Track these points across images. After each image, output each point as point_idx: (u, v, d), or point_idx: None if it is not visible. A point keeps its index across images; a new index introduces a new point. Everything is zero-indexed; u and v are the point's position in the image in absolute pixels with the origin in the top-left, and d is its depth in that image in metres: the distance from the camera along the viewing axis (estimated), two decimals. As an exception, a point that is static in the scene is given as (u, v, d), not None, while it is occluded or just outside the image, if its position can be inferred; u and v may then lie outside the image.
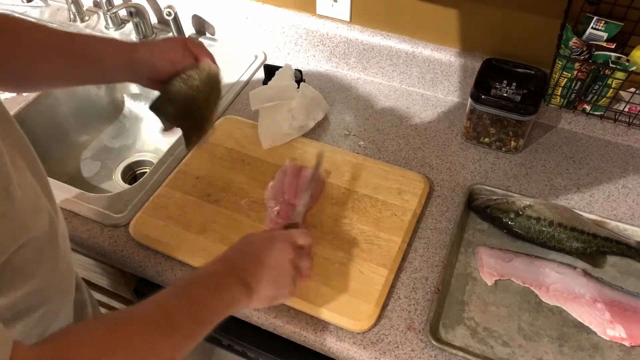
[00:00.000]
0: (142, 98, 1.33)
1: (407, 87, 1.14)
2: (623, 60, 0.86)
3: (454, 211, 0.91)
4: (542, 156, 1.00)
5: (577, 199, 0.92)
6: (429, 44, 1.07)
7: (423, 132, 1.05)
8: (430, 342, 0.74)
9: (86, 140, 1.27)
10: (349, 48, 1.13)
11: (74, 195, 0.93)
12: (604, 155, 1.00)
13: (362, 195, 0.91)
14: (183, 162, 0.97)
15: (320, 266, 0.82)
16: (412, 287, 0.81)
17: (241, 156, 0.99)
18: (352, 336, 0.76)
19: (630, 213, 0.90)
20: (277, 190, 0.90)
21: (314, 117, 1.05)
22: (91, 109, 1.30)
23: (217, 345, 0.98)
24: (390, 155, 1.00)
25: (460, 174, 0.97)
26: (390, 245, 0.84)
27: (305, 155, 0.98)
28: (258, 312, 0.79)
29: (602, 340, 0.75)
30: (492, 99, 0.93)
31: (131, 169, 1.25)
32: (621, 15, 0.87)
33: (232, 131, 1.03)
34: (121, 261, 0.87)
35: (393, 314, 0.78)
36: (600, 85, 0.89)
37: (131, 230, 0.87)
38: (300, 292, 0.78)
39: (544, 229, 0.84)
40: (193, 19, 1.26)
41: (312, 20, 1.13)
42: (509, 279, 0.81)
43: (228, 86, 1.14)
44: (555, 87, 0.92)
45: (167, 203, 0.91)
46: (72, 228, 0.89)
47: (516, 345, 0.74)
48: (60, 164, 1.21)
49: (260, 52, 1.22)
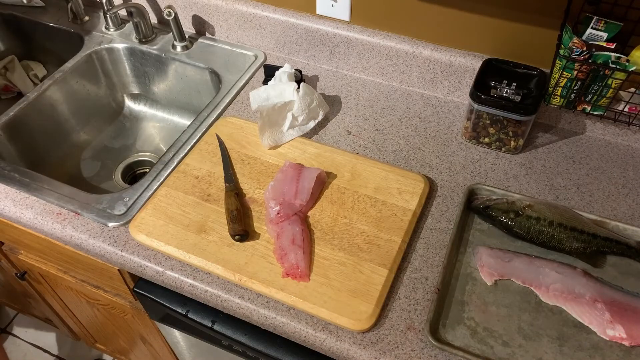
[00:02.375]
0: (142, 98, 1.33)
1: (407, 87, 1.14)
2: (623, 60, 0.86)
3: (454, 211, 0.91)
4: (542, 156, 1.00)
5: (577, 199, 0.92)
6: (429, 44, 1.07)
7: (423, 132, 1.05)
8: (430, 342, 0.74)
9: (86, 140, 1.27)
10: (349, 48, 1.13)
11: (74, 195, 0.93)
12: (604, 155, 1.00)
13: (362, 195, 0.91)
14: (183, 162, 0.98)
15: (320, 266, 0.82)
16: (412, 287, 0.81)
17: (241, 156, 0.99)
18: (352, 336, 0.76)
19: (630, 213, 0.90)
20: (277, 190, 0.90)
21: (314, 117, 1.05)
22: (91, 109, 1.30)
23: (217, 345, 0.98)
24: (390, 155, 1.00)
25: (460, 174, 0.97)
26: (390, 245, 0.84)
27: (305, 155, 0.98)
28: (258, 312, 0.79)
29: (602, 340, 0.75)
30: (492, 99, 0.93)
31: (131, 169, 1.25)
32: (621, 15, 0.87)
33: (232, 131, 1.03)
34: (121, 261, 0.87)
35: (393, 314, 0.78)
36: (600, 85, 0.89)
37: (131, 230, 0.87)
38: (301, 292, 0.78)
39: (544, 229, 0.84)
40: (193, 19, 1.26)
41: (312, 20, 1.13)
42: (509, 279, 0.81)
43: (228, 86, 1.14)
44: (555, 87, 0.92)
45: (167, 203, 0.91)
46: (73, 228, 0.89)
47: (516, 345, 0.74)
48: (60, 164, 1.21)
49: (260, 52, 1.22)
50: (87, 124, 1.29)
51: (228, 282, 0.82)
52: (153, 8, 1.28)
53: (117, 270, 0.97)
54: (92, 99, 1.29)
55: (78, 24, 1.31)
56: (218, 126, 1.04)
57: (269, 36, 1.20)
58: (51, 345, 1.86)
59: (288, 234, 0.83)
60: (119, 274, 0.98)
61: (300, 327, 0.77)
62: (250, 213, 0.89)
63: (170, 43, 1.24)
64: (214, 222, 0.88)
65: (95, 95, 1.29)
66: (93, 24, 1.32)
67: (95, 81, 1.29)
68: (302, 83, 1.04)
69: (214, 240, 0.85)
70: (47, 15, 1.35)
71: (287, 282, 0.80)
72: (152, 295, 0.94)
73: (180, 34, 1.21)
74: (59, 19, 1.33)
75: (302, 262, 0.80)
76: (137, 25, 1.23)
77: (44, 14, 1.35)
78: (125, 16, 1.30)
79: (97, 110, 1.31)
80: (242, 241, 0.85)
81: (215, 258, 0.83)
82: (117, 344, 1.52)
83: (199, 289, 0.82)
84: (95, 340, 1.60)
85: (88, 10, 1.34)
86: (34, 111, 1.15)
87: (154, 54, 1.24)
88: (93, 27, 1.31)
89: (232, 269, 0.81)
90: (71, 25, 1.31)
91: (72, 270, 1.13)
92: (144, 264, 0.85)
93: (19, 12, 1.35)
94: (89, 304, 1.26)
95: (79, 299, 1.26)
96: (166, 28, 1.28)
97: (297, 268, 0.80)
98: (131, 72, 1.30)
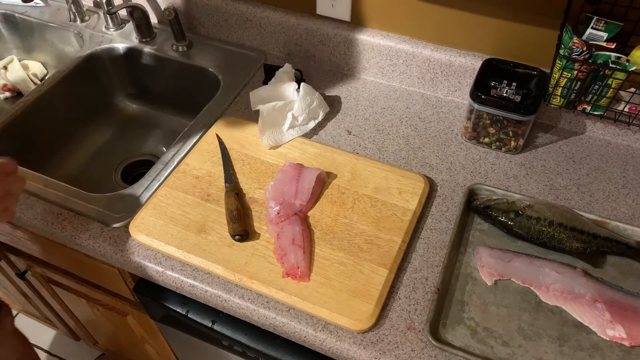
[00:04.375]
0: (142, 98, 1.33)
1: (407, 87, 1.14)
2: (623, 60, 0.86)
3: (454, 211, 0.91)
4: (542, 156, 1.00)
5: (577, 199, 0.92)
6: (429, 44, 1.07)
7: (423, 132, 1.05)
8: (430, 342, 0.74)
9: (86, 140, 1.27)
10: (349, 48, 1.13)
11: (74, 195, 0.93)
12: (604, 155, 1.00)
13: (362, 195, 0.91)
14: (183, 162, 0.98)
15: (320, 266, 0.82)
16: (412, 287, 0.81)
17: (241, 156, 0.99)
18: (352, 336, 0.76)
19: (630, 213, 0.90)
20: (277, 190, 0.90)
21: (314, 117, 1.05)
22: (91, 109, 1.30)
23: (217, 345, 0.98)
24: (390, 155, 1.00)
25: (460, 174, 0.97)
26: (390, 245, 0.84)
27: (305, 155, 0.98)
28: (258, 312, 0.79)
29: (602, 340, 0.75)
30: (492, 99, 0.93)
31: (131, 169, 1.25)
32: (621, 15, 0.87)
33: (232, 131, 1.03)
34: (121, 261, 0.87)
35: (393, 314, 0.78)
36: (600, 85, 0.89)
37: (131, 230, 0.87)
38: (301, 292, 0.78)
39: (544, 229, 0.84)
40: (193, 19, 1.26)
41: (312, 20, 1.13)
42: (509, 279, 0.81)
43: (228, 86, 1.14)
44: (555, 87, 0.92)
45: (167, 203, 0.91)
46: (73, 228, 0.89)
47: (516, 345, 0.74)
48: (60, 164, 1.21)
49: (260, 52, 1.22)
50: (87, 124, 1.29)
51: (228, 282, 0.82)
52: (153, 8, 1.28)
53: (117, 270, 0.97)
54: (92, 99, 1.29)
55: (78, 24, 1.31)
56: (218, 126, 1.04)
57: (269, 36, 1.20)
58: (51, 345, 1.86)
59: (288, 234, 0.83)
60: (119, 274, 0.98)
61: (300, 327, 0.77)
62: (250, 213, 0.89)
63: (170, 43, 1.24)
64: (214, 222, 0.88)
65: (95, 95, 1.29)
66: (93, 24, 1.32)
67: (95, 81, 1.29)
68: (302, 83, 1.04)
69: (214, 240, 0.85)
70: (47, 15, 1.35)
71: (287, 282, 0.80)
72: (152, 295, 0.94)
73: (181, 34, 1.21)
74: (59, 18, 1.33)
75: (302, 262, 0.80)
76: (137, 25, 1.23)
77: (44, 14, 1.35)
78: (125, 16, 1.30)
79: (97, 110, 1.31)
80: (242, 241, 0.85)
81: (215, 258, 0.83)
82: (117, 344, 1.52)
83: (199, 289, 0.82)
84: (95, 340, 1.60)
85: (88, 10, 1.34)
86: (34, 111, 1.15)
87: (154, 54, 1.24)
88: (93, 27, 1.31)
89: (232, 269, 0.81)
90: (71, 25, 1.31)
91: (72, 270, 1.13)
92: (144, 264, 0.85)
93: (19, 12, 1.35)
94: (89, 304, 1.26)
95: (79, 299, 1.26)
96: (166, 28, 1.27)
97: (297, 268, 0.80)
98: (131, 72, 1.30)
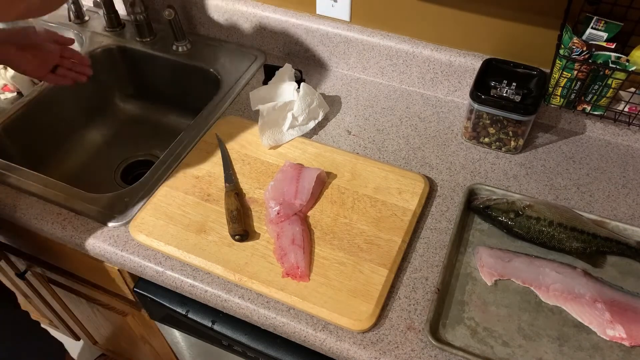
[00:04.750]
0: (142, 98, 1.33)
1: (407, 87, 1.14)
2: (623, 60, 0.86)
3: (454, 211, 0.91)
4: (542, 156, 1.00)
5: (577, 199, 0.92)
6: (429, 44, 1.07)
7: (423, 132, 1.05)
8: (430, 342, 0.74)
9: (86, 140, 1.27)
10: (349, 48, 1.13)
11: (73, 195, 0.93)
12: (604, 155, 1.00)
13: (362, 195, 0.91)
14: (183, 162, 0.98)
15: (320, 266, 0.82)
16: (412, 287, 0.81)
17: (241, 156, 0.99)
18: (352, 336, 0.76)
19: (630, 213, 0.90)
20: (277, 190, 0.90)
21: (314, 117, 1.05)
22: (91, 109, 1.30)
23: (217, 345, 0.98)
24: (390, 155, 1.00)
25: (460, 174, 0.97)
26: (390, 245, 0.84)
27: (305, 155, 0.98)
28: (258, 312, 0.79)
29: (602, 340, 0.75)
30: (492, 99, 0.93)
31: (131, 169, 1.25)
32: (621, 15, 0.87)
33: (232, 131, 1.03)
34: (121, 261, 0.87)
35: (393, 314, 0.78)
36: (600, 85, 0.89)
37: (131, 230, 0.87)
38: (301, 292, 0.78)
39: (544, 229, 0.84)
40: (193, 19, 1.26)
41: (312, 20, 1.13)
42: (509, 279, 0.81)
43: (228, 86, 1.14)
44: (555, 87, 0.92)
45: (167, 203, 0.91)
46: (73, 228, 0.89)
47: (516, 345, 0.74)
48: (60, 164, 1.21)
49: (260, 52, 1.22)
50: (87, 124, 1.29)
51: (228, 282, 0.82)
52: (153, 8, 1.28)
53: (117, 270, 0.97)
54: (92, 98, 1.29)
55: (78, 24, 1.31)
56: (218, 126, 1.04)
57: (269, 36, 1.20)
58: (51, 345, 1.86)
59: (288, 234, 0.83)
60: (119, 274, 0.98)
61: (300, 327, 0.77)
62: (250, 213, 0.89)
63: (170, 43, 1.24)
64: (214, 222, 0.88)
65: (95, 95, 1.29)
66: (93, 24, 1.32)
67: (95, 81, 1.28)
68: (302, 83, 1.04)
69: (214, 240, 0.85)
70: (47, 15, 1.34)
71: (287, 282, 0.80)
72: (152, 295, 0.94)
73: (181, 34, 1.21)
74: (59, 18, 1.33)
75: (302, 262, 0.80)
76: (137, 26, 1.23)
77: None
78: (125, 16, 1.30)
79: (97, 110, 1.31)
80: (242, 241, 0.85)
81: (215, 258, 0.83)
82: (117, 344, 1.52)
83: (199, 289, 0.82)
84: (95, 340, 1.60)
85: (88, 10, 1.34)
86: (34, 111, 1.15)
87: (154, 54, 1.24)
88: (93, 27, 1.31)
89: (232, 269, 0.81)
90: (71, 25, 1.31)
91: (71, 270, 1.13)
92: (144, 264, 0.85)
93: (19, 12, 1.35)
94: (89, 304, 1.26)
95: (78, 299, 1.26)
96: (166, 28, 1.27)
97: (297, 268, 0.80)
98: (131, 72, 1.30)
